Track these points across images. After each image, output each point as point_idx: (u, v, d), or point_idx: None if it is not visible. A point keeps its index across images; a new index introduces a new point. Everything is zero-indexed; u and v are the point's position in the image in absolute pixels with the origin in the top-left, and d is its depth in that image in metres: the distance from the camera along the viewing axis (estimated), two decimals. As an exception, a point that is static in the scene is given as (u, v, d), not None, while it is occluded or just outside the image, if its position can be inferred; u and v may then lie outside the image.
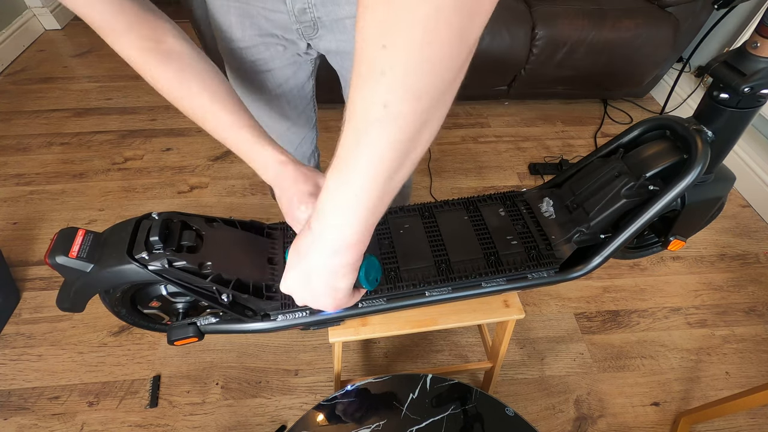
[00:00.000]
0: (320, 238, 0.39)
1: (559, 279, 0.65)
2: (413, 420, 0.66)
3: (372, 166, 0.33)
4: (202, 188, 1.58)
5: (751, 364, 1.16)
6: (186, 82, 0.53)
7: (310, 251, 0.41)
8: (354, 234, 0.38)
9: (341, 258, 0.40)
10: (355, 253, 0.40)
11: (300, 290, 0.45)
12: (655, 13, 1.62)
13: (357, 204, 0.36)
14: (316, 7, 0.62)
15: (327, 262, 0.41)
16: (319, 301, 0.45)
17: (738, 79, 0.53)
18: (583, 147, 1.79)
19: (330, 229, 0.38)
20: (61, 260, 0.50)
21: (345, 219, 0.37)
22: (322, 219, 0.38)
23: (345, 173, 0.34)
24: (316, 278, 0.42)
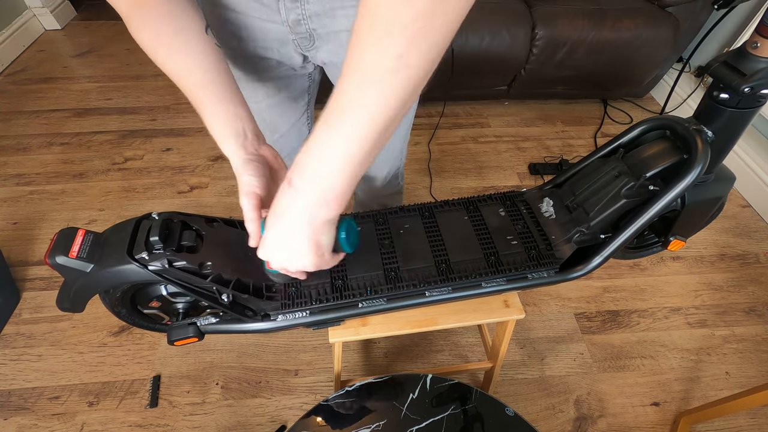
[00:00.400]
0: (304, 192, 0.40)
1: (559, 279, 0.65)
2: (413, 420, 0.66)
3: (372, 116, 0.34)
4: (202, 188, 1.58)
5: (751, 364, 1.16)
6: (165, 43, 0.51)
7: (292, 207, 0.41)
8: (341, 185, 0.39)
9: (325, 211, 0.41)
10: (338, 206, 0.41)
11: (280, 251, 0.45)
12: (655, 13, 1.62)
13: (347, 155, 0.36)
14: (311, 19, 0.61)
15: (310, 217, 0.41)
16: (301, 260, 0.45)
17: (738, 79, 0.53)
18: (583, 147, 1.79)
19: (315, 181, 0.39)
20: (61, 260, 0.50)
21: (331, 171, 0.38)
22: (304, 172, 0.39)
23: (339, 124, 0.35)
24: (299, 234, 0.42)
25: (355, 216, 0.71)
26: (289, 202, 0.42)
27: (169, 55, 0.51)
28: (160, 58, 0.51)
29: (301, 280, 0.61)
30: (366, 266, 0.64)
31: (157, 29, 0.50)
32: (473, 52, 1.62)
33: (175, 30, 0.51)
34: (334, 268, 0.64)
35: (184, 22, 0.51)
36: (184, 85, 0.53)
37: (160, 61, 0.52)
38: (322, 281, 0.63)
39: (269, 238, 0.46)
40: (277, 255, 0.46)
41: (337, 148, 0.36)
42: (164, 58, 0.51)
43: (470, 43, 1.61)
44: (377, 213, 0.71)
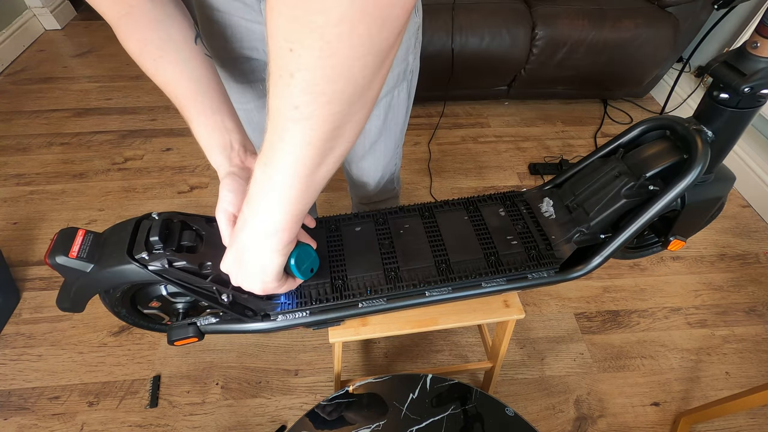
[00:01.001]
0: (250, 222, 0.42)
1: (559, 279, 0.65)
2: (413, 420, 0.66)
3: (291, 162, 0.35)
4: (202, 188, 1.58)
5: (751, 364, 1.16)
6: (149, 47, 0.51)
7: (242, 232, 0.44)
8: (279, 222, 0.41)
9: (269, 242, 0.43)
10: (282, 239, 0.43)
11: (234, 269, 0.47)
12: (655, 13, 1.62)
13: (280, 195, 0.38)
14: None
15: (256, 244, 0.43)
16: (250, 282, 0.48)
17: (738, 79, 0.53)
18: (583, 147, 1.79)
19: (258, 215, 0.41)
20: (61, 260, 0.50)
21: (270, 207, 0.39)
22: (251, 205, 0.41)
23: (268, 166, 0.36)
24: (248, 258, 0.45)
25: (355, 216, 0.71)
26: (240, 227, 0.44)
27: (157, 64, 0.51)
28: (149, 67, 0.51)
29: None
30: (366, 266, 0.64)
31: (145, 37, 0.50)
32: (473, 52, 1.62)
33: (163, 39, 0.50)
34: (334, 268, 0.64)
35: (172, 31, 0.51)
36: (172, 94, 0.53)
37: (150, 70, 0.52)
38: (322, 281, 0.63)
39: (227, 256, 0.48)
40: (233, 274, 0.48)
41: (271, 189, 0.38)
42: (154, 68, 0.51)
43: (470, 43, 1.61)
44: (377, 213, 0.71)
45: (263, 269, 0.46)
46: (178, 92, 0.52)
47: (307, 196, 0.39)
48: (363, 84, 0.30)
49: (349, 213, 0.72)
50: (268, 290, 0.49)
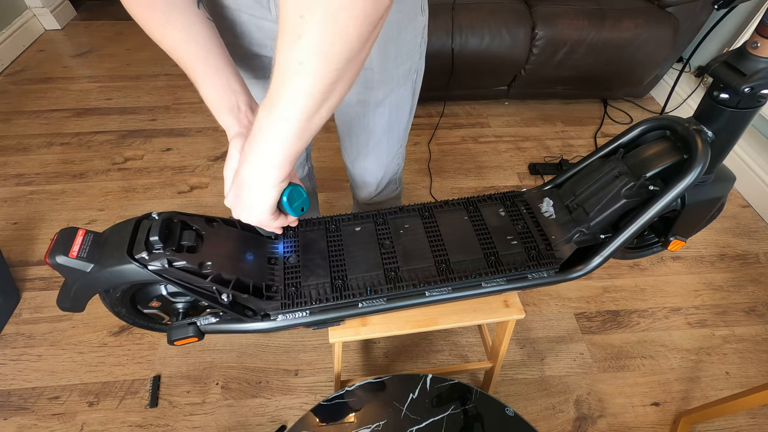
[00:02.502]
0: (250, 159, 0.48)
1: (559, 279, 0.65)
2: (413, 420, 0.66)
3: (291, 109, 0.41)
4: (202, 188, 1.58)
5: (751, 364, 1.16)
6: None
7: (243, 169, 0.49)
8: (276, 158, 0.46)
9: (266, 177, 0.48)
10: (277, 175, 0.48)
11: (234, 203, 0.53)
12: (655, 13, 1.62)
13: (280, 135, 0.44)
14: None
15: (255, 179, 0.49)
16: (247, 214, 0.53)
17: (738, 79, 0.53)
18: (583, 147, 1.79)
19: (258, 153, 0.47)
20: (62, 260, 0.50)
21: (270, 146, 0.45)
22: (253, 144, 0.47)
23: (272, 111, 0.42)
24: (246, 190, 0.51)
25: (355, 216, 0.71)
26: (240, 164, 0.50)
27: (164, 29, 0.52)
28: (155, 32, 0.53)
29: (302, 280, 0.62)
30: (366, 266, 0.64)
31: (150, 3, 0.51)
32: (473, 52, 1.62)
33: (167, 3, 0.51)
34: (334, 268, 0.64)
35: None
36: (178, 58, 0.54)
37: (157, 35, 0.53)
38: (322, 281, 0.63)
39: (229, 192, 0.54)
40: (233, 206, 0.54)
41: (272, 129, 0.44)
42: (160, 33, 0.53)
43: (470, 43, 1.61)
44: (377, 213, 0.71)
45: (259, 202, 0.51)
46: (185, 56, 0.54)
47: (303, 140, 0.45)
48: (357, 47, 0.37)
49: (349, 213, 0.72)
50: (263, 222, 0.55)
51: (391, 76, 0.69)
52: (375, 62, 0.66)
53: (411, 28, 0.66)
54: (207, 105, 0.56)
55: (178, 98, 1.97)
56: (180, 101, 1.95)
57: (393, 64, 0.68)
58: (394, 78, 0.70)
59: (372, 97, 0.71)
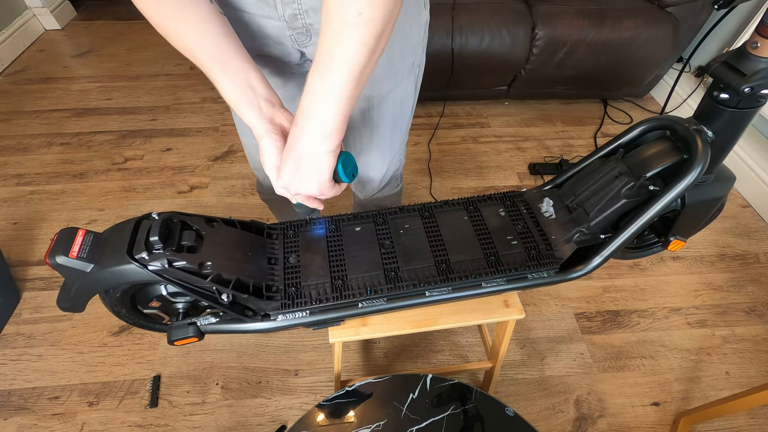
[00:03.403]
0: (306, 129, 0.49)
1: (559, 279, 0.65)
2: (413, 420, 0.66)
3: (347, 63, 0.43)
4: (202, 188, 1.58)
5: (751, 364, 1.16)
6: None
7: (299, 142, 0.50)
8: (333, 122, 0.48)
9: (323, 144, 0.50)
10: (334, 140, 0.50)
11: (291, 178, 0.54)
12: (655, 13, 1.62)
13: (335, 97, 0.46)
14: (308, 14, 0.61)
15: (312, 149, 0.50)
16: (308, 185, 0.54)
17: (738, 79, 0.53)
18: (583, 147, 1.79)
19: (314, 120, 0.48)
20: (62, 260, 0.50)
21: (325, 110, 0.47)
22: (307, 113, 0.48)
23: (325, 72, 0.45)
24: (305, 163, 0.52)
25: (355, 216, 0.71)
26: (296, 138, 0.51)
27: (178, 26, 0.51)
28: (170, 30, 0.52)
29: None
30: (366, 266, 0.64)
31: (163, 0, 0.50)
32: (473, 52, 1.62)
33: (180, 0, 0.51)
34: (334, 268, 0.64)
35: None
36: (194, 56, 0.53)
37: (171, 34, 0.52)
38: (322, 281, 0.63)
39: (283, 168, 0.54)
40: (290, 181, 0.54)
41: (327, 92, 0.46)
42: (175, 31, 0.52)
43: (470, 43, 1.61)
44: (377, 213, 0.71)
45: (320, 171, 0.52)
46: (202, 54, 0.53)
47: (355, 96, 0.47)
48: None
49: (349, 213, 0.72)
50: (324, 191, 0.55)
51: (396, 70, 0.70)
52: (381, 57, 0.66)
53: (415, 23, 0.67)
54: (227, 102, 0.56)
55: (178, 98, 1.97)
56: (180, 101, 1.95)
57: (398, 58, 0.68)
58: (399, 72, 0.71)
59: (377, 91, 0.72)
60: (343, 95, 0.46)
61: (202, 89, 2.02)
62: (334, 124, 0.48)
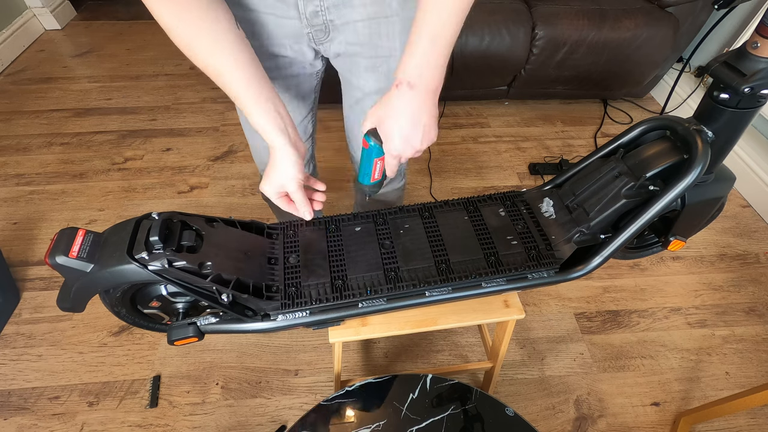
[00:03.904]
0: (421, 88, 0.54)
1: (559, 279, 0.65)
2: (413, 420, 0.66)
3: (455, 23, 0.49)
4: (202, 188, 1.58)
5: (751, 364, 1.16)
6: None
7: (413, 102, 0.55)
8: (441, 77, 0.54)
9: (435, 98, 0.56)
10: (439, 91, 0.56)
11: (414, 134, 0.57)
12: (655, 13, 1.62)
13: (442, 56, 0.52)
14: (329, 10, 0.62)
15: (429, 104, 0.55)
16: (431, 134, 0.59)
17: (738, 79, 0.53)
18: (583, 147, 1.79)
19: (427, 79, 0.53)
20: (62, 260, 0.50)
21: (438, 67, 0.53)
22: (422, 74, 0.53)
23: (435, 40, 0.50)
24: (426, 118, 0.56)
25: (355, 216, 0.71)
26: (409, 98, 0.54)
27: (212, 52, 0.52)
28: (204, 56, 0.52)
29: (302, 280, 0.62)
30: (366, 266, 0.64)
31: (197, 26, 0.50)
32: (473, 52, 1.62)
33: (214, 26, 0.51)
34: (334, 268, 0.64)
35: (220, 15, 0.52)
36: (225, 83, 0.55)
37: (203, 59, 0.52)
38: (322, 281, 0.63)
39: (401, 133, 0.57)
40: (412, 140, 0.57)
41: (436, 43, 0.51)
42: (209, 56, 0.52)
43: (470, 43, 1.61)
44: (377, 213, 0.71)
45: (436, 119, 0.58)
46: (232, 81, 0.55)
47: (454, 40, 0.52)
48: None
49: (349, 213, 0.72)
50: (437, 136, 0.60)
51: None
52: (398, 50, 0.68)
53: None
54: (254, 127, 0.58)
55: (178, 98, 1.97)
56: (180, 101, 1.95)
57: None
58: None
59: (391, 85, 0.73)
60: (446, 55, 0.52)
61: (202, 89, 2.02)
62: (440, 80, 0.54)
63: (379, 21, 0.65)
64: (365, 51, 0.68)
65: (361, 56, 0.69)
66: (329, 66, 0.77)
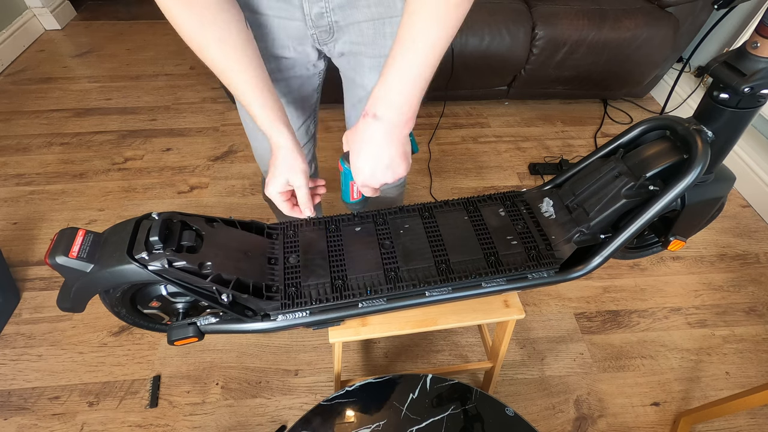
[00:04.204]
0: (389, 118, 0.51)
1: (559, 279, 0.65)
2: (413, 420, 0.66)
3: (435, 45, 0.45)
4: (202, 188, 1.58)
5: (751, 364, 1.16)
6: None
7: (378, 132, 0.52)
8: (415, 105, 0.50)
9: (406, 128, 0.52)
10: (413, 122, 0.53)
11: (378, 167, 0.55)
12: (655, 13, 1.62)
13: (418, 81, 0.48)
14: (334, 12, 0.62)
15: (397, 135, 0.52)
16: (398, 169, 0.56)
17: (738, 79, 0.53)
18: (583, 147, 1.79)
19: (397, 107, 0.50)
20: (62, 260, 0.50)
21: (411, 96, 0.49)
22: (391, 103, 0.50)
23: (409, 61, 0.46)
24: (392, 151, 0.53)
25: (355, 216, 0.71)
26: (374, 130, 0.52)
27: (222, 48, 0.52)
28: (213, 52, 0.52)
29: (302, 280, 0.62)
30: (366, 266, 0.64)
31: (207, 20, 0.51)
32: (473, 52, 1.62)
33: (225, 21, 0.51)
34: (334, 268, 0.64)
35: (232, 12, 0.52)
36: (232, 81, 0.55)
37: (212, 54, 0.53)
38: (322, 281, 0.63)
39: (363, 165, 0.55)
40: (376, 173, 0.55)
41: (409, 80, 0.47)
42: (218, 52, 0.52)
43: (470, 43, 1.61)
44: (377, 213, 0.71)
45: (407, 153, 0.55)
46: (240, 80, 0.55)
47: (430, 78, 0.49)
48: None
49: (349, 213, 0.72)
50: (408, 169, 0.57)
51: None
52: None
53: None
54: (259, 124, 0.59)
55: (178, 98, 1.97)
56: (180, 101, 1.95)
57: None
58: None
59: None
60: (424, 80, 0.48)
61: (202, 89, 2.02)
62: (414, 108, 0.51)
63: (384, 21, 0.65)
64: (369, 50, 0.68)
65: (365, 56, 0.69)
66: (330, 66, 0.77)
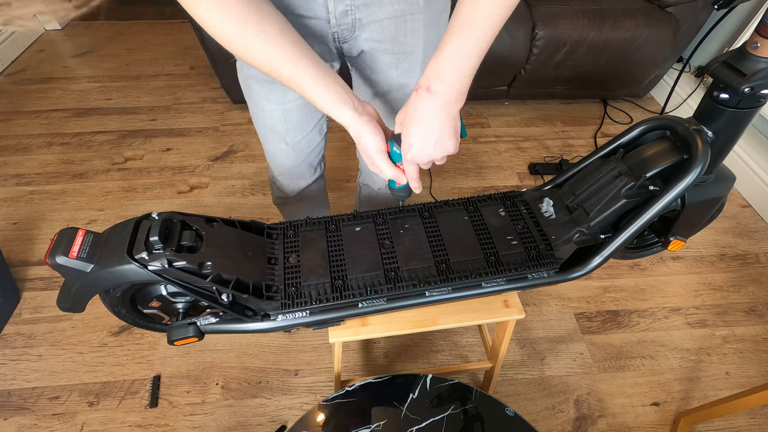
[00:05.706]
0: (443, 93, 0.52)
1: (559, 279, 0.65)
2: (413, 420, 0.66)
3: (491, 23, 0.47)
4: (202, 188, 1.58)
5: (751, 364, 1.16)
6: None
7: (432, 108, 0.53)
8: (467, 83, 0.52)
9: (457, 104, 0.54)
10: (464, 99, 0.53)
11: (429, 144, 0.55)
12: (655, 13, 1.62)
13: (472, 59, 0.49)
14: (359, 9, 0.62)
15: (449, 111, 0.53)
16: (448, 145, 0.56)
17: (738, 79, 0.53)
18: (583, 147, 1.79)
19: (451, 84, 0.51)
20: (62, 260, 0.50)
21: (464, 71, 0.50)
22: (443, 78, 0.51)
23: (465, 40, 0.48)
24: (443, 126, 0.54)
25: (355, 216, 0.71)
26: (428, 105, 0.53)
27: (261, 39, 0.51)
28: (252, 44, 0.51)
29: (304, 280, 0.62)
30: (366, 266, 0.64)
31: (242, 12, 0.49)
32: (473, 52, 1.62)
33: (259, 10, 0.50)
34: (334, 268, 0.64)
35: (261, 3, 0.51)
36: (279, 69, 0.53)
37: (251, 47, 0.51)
38: (322, 281, 0.63)
39: (415, 139, 0.55)
40: (426, 147, 0.55)
41: (464, 56, 0.49)
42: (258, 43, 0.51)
43: (470, 43, 1.60)
44: (377, 213, 0.71)
45: (456, 129, 0.56)
46: (287, 65, 0.53)
47: (483, 56, 0.50)
48: None
49: (349, 213, 0.72)
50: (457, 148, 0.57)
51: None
52: (420, 47, 0.69)
53: (444, 17, 0.70)
54: (319, 106, 0.56)
55: (178, 98, 1.97)
56: (180, 101, 1.95)
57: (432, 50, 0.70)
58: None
59: (413, 79, 0.73)
60: (477, 59, 0.49)
61: (202, 89, 2.02)
62: (466, 85, 0.51)
63: (405, 18, 0.65)
64: (389, 47, 0.68)
65: (385, 52, 0.69)
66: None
